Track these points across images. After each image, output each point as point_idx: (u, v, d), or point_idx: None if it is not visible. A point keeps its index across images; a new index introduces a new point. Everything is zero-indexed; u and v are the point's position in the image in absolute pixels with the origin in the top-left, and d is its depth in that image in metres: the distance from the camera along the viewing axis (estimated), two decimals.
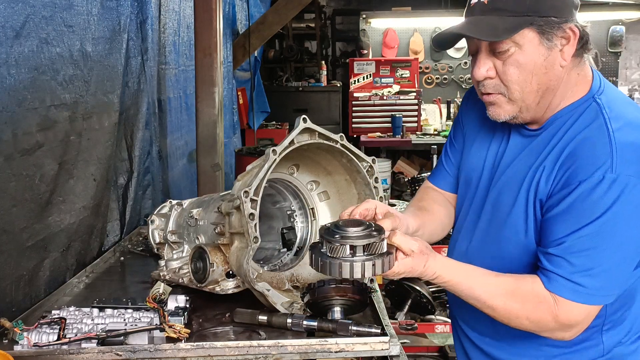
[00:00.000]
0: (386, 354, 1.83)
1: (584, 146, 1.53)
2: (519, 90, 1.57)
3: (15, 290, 2.15)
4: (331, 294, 1.80)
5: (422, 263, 1.53)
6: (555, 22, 1.51)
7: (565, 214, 1.51)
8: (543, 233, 1.58)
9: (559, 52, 1.55)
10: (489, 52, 1.57)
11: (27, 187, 2.20)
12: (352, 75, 8.36)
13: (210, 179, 4.21)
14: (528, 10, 1.50)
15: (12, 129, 2.07)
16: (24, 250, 2.20)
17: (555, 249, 1.52)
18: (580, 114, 1.59)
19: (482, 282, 1.58)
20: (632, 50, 9.14)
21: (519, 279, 1.58)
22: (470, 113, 1.88)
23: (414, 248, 1.52)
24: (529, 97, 1.58)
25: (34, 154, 2.22)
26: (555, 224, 1.53)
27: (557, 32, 1.52)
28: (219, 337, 1.89)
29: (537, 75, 1.54)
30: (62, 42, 2.40)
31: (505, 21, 1.50)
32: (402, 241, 1.52)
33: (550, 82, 1.56)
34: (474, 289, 1.57)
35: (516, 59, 1.54)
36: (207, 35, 4.11)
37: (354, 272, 1.46)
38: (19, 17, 2.10)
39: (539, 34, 1.52)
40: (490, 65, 1.58)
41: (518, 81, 1.56)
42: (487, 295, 1.57)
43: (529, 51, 1.53)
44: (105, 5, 2.79)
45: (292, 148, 1.98)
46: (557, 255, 1.52)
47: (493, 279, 1.58)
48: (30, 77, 2.17)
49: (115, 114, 2.96)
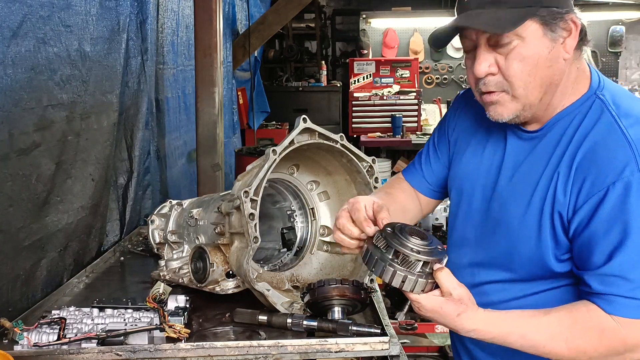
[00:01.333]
0: (386, 354, 1.83)
1: (599, 149, 1.44)
2: (522, 86, 1.48)
3: (12, 290, 2.15)
4: (331, 294, 1.80)
5: (456, 311, 1.41)
6: (558, 12, 1.44)
7: (605, 227, 1.39)
8: (584, 254, 1.44)
9: (561, 44, 1.47)
10: (489, 47, 1.48)
11: (23, 187, 2.19)
12: (352, 75, 8.36)
13: (210, 179, 4.21)
14: (529, 1, 1.42)
15: (8, 128, 2.07)
16: (20, 250, 2.20)
17: (605, 268, 1.39)
18: (585, 113, 1.51)
19: (534, 326, 1.43)
20: (632, 50, 9.14)
21: (572, 310, 1.43)
22: (461, 119, 1.80)
23: (455, 293, 1.41)
24: (533, 93, 1.49)
25: (31, 154, 2.22)
26: (597, 240, 1.41)
27: (560, 23, 1.44)
28: (219, 337, 1.89)
29: (541, 69, 1.46)
30: (60, 42, 2.40)
31: (507, 13, 1.42)
32: (446, 280, 1.41)
33: (554, 77, 1.48)
34: (527, 337, 1.43)
35: (519, 52, 1.45)
36: (207, 35, 4.11)
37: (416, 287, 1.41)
38: (16, 17, 2.10)
39: (543, 25, 1.43)
40: (491, 60, 1.49)
41: (522, 76, 1.47)
42: (546, 340, 1.42)
43: (533, 44, 1.45)
44: (104, 5, 2.79)
45: (292, 148, 1.97)
46: (610, 275, 1.39)
47: (544, 319, 1.43)
48: (26, 77, 2.17)
49: (115, 114, 2.96)
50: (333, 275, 2.16)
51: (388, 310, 3.90)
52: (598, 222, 1.41)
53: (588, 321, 1.41)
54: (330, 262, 2.23)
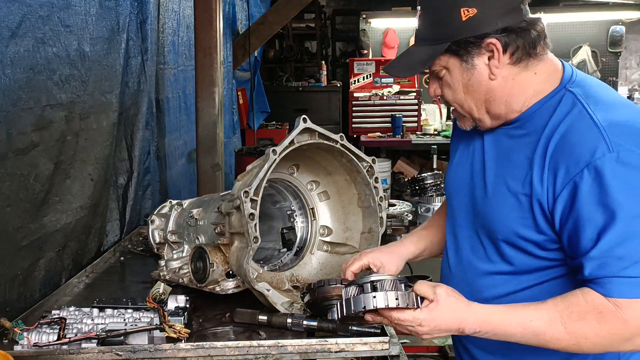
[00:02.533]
0: (386, 354, 1.83)
1: (569, 136, 1.48)
2: (459, 106, 1.63)
3: (10, 290, 2.15)
4: (331, 294, 1.80)
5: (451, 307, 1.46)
6: (471, 42, 1.52)
7: (587, 211, 1.41)
8: (572, 241, 1.46)
9: (486, 65, 1.54)
10: (433, 75, 1.65)
11: (21, 187, 2.19)
12: (352, 75, 8.36)
13: (210, 179, 4.21)
14: (443, 37, 1.54)
15: (6, 128, 2.07)
16: (18, 250, 2.20)
17: (594, 251, 1.40)
18: (555, 106, 1.55)
19: (531, 313, 1.44)
20: (632, 50, 9.14)
21: (567, 296, 1.44)
22: (455, 128, 1.86)
23: (438, 291, 1.47)
24: (473, 111, 1.61)
25: (29, 154, 2.22)
26: (582, 226, 1.42)
27: (475, 51, 1.53)
28: (219, 337, 1.89)
29: (469, 93, 1.58)
30: (59, 42, 2.40)
31: (424, 51, 1.58)
32: (425, 285, 1.49)
33: (488, 95, 1.57)
34: (526, 325, 1.43)
35: (447, 81, 1.60)
36: (207, 35, 4.11)
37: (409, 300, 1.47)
38: (15, 17, 2.10)
39: (456, 57, 1.55)
40: (436, 85, 1.65)
41: (454, 99, 1.62)
42: (545, 326, 1.42)
43: (455, 72, 1.57)
44: (103, 5, 2.79)
45: (292, 148, 1.98)
46: (599, 257, 1.39)
47: (541, 305, 1.44)
48: (25, 77, 2.17)
49: (114, 114, 2.95)
50: (333, 275, 2.16)
51: None
52: (580, 207, 1.42)
53: (584, 305, 1.40)
54: (330, 262, 2.23)
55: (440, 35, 1.54)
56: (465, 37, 1.52)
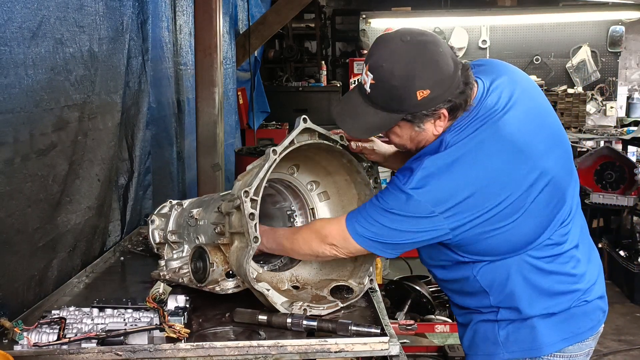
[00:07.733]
0: (386, 354, 1.83)
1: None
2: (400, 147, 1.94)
3: (27, 291, 2.15)
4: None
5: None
6: (425, 114, 1.74)
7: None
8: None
9: (432, 126, 1.78)
10: None
11: (41, 188, 2.20)
12: (352, 75, 8.36)
13: (210, 179, 4.21)
14: (399, 109, 1.74)
15: (29, 129, 2.08)
16: (35, 250, 2.21)
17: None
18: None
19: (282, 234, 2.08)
20: (632, 50, 9.13)
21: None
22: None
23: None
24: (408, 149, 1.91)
25: (49, 154, 2.23)
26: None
27: (427, 119, 1.76)
28: (218, 337, 1.89)
29: (412, 142, 1.85)
30: (75, 42, 2.40)
31: (380, 117, 1.78)
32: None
33: (426, 142, 1.83)
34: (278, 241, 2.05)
35: (396, 132, 1.85)
36: (207, 35, 4.12)
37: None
38: (35, 18, 2.10)
39: (410, 122, 1.78)
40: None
41: (399, 144, 1.91)
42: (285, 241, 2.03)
43: (405, 131, 1.82)
44: (109, 5, 2.78)
45: (292, 148, 1.98)
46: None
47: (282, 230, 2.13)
48: (46, 78, 2.18)
49: (118, 114, 2.95)
50: (333, 276, 2.17)
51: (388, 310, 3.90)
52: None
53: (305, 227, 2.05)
54: (330, 262, 2.23)
55: (396, 107, 1.75)
56: (420, 111, 1.74)
